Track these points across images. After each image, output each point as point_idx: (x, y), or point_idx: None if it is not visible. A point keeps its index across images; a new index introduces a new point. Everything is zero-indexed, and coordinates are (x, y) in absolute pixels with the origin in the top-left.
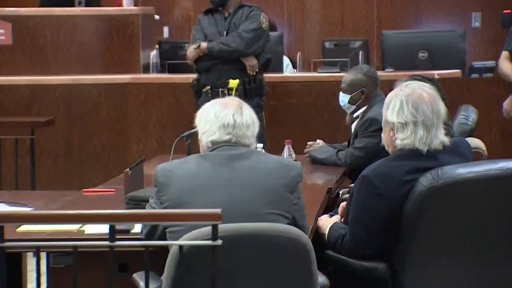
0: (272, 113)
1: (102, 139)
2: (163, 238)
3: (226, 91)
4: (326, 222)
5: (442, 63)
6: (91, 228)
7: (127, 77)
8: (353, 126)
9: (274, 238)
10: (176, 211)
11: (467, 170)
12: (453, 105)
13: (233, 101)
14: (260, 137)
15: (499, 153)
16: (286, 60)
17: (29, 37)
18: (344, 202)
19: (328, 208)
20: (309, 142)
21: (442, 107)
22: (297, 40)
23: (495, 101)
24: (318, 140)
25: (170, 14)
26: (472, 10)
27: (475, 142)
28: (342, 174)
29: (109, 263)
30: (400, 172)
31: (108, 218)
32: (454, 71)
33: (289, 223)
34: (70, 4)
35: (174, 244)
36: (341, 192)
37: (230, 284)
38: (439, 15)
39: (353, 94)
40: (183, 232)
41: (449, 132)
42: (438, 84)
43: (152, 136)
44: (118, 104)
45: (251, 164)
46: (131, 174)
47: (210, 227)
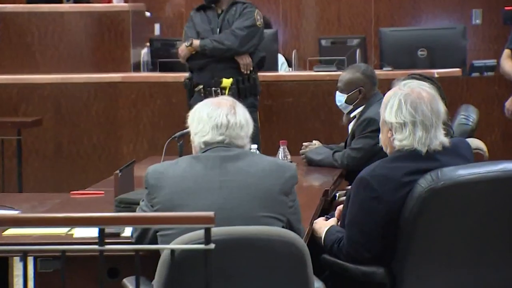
0: (266, 113)
1: (92, 140)
2: (154, 242)
3: (219, 91)
4: (322, 225)
5: (441, 61)
6: (80, 232)
7: (117, 76)
8: (350, 127)
9: (269, 242)
10: (167, 214)
11: (467, 171)
12: (453, 105)
13: (226, 101)
14: (254, 138)
15: (500, 154)
16: (281, 58)
17: (16, 34)
18: (341, 205)
19: (325, 211)
20: (305, 143)
21: (441, 107)
22: (292, 37)
23: (496, 101)
24: (314, 141)
25: (162, 10)
26: (473, 7)
27: (476, 143)
28: (339, 176)
29: (99, 268)
30: (398, 173)
31: (97, 221)
32: (454, 70)
33: (284, 227)
34: (58, 0)
35: (166, 248)
36: (337, 194)
37: None
38: (439, 12)
39: (350, 93)
40: (175, 236)
41: (449, 132)
42: (437, 83)
43: (143, 137)
44: (108, 103)
45: (245, 166)
46: (121, 176)
47: (202, 231)
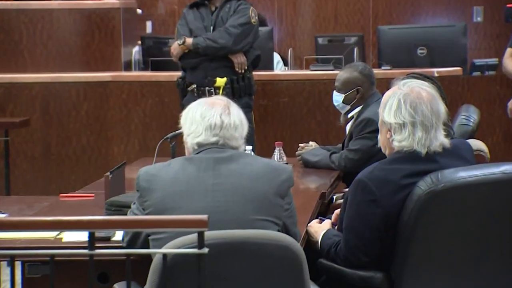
0: (261, 113)
1: (81, 141)
2: (146, 246)
3: (213, 90)
4: (318, 228)
5: (441, 60)
6: (69, 236)
7: (107, 75)
8: (347, 127)
9: (264, 246)
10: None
11: (468, 173)
12: (453, 105)
13: (220, 101)
14: (249, 139)
15: (502, 155)
16: (276, 57)
17: (3, 32)
18: (338, 209)
19: (321, 214)
20: (301, 144)
21: (441, 107)
22: (288, 35)
23: (498, 101)
24: (311, 142)
25: (153, 8)
26: (474, 4)
27: (477, 144)
28: (336, 178)
29: (89, 273)
30: (397, 175)
31: (87, 225)
32: (455, 69)
33: (279, 230)
34: None
35: (158, 252)
36: (335, 197)
37: None
38: (439, 9)
39: (347, 93)
40: (167, 240)
41: (449, 133)
42: (437, 82)
43: (134, 138)
44: (99, 103)
45: (239, 168)
46: (112, 178)
47: (195, 235)
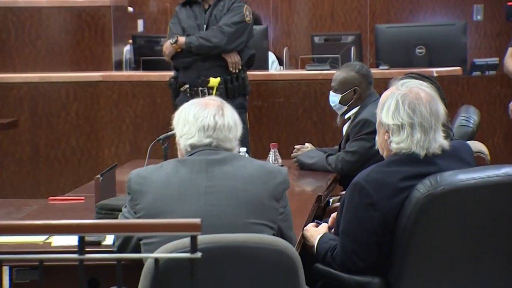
0: (256, 114)
1: (71, 143)
2: (137, 251)
3: (206, 90)
4: (314, 232)
5: (441, 59)
6: (58, 240)
7: (98, 75)
8: (344, 128)
9: (258, 250)
10: (151, 221)
11: (468, 176)
12: (453, 105)
13: (214, 101)
14: (243, 141)
15: (502, 157)
16: (271, 56)
17: None
18: (334, 213)
19: (318, 218)
20: (297, 146)
21: (441, 108)
22: (283, 34)
23: (498, 102)
24: (307, 144)
25: (145, 6)
26: (474, 2)
27: (477, 145)
28: (333, 181)
29: (78, 278)
30: (395, 178)
31: (77, 229)
32: (454, 69)
33: (274, 234)
34: None
35: (150, 257)
36: (331, 200)
37: None
38: (438, 7)
39: (344, 93)
40: (159, 244)
41: (448, 135)
42: (436, 82)
43: (125, 139)
44: (89, 104)
45: (233, 170)
46: (102, 180)
47: (188, 239)
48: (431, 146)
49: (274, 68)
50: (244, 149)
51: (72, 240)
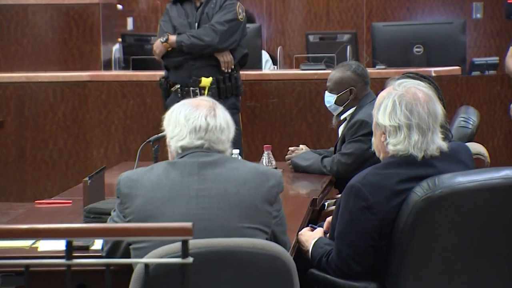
0: (249, 115)
1: (58, 144)
2: (127, 256)
3: (197, 91)
4: (309, 237)
5: (439, 59)
6: (45, 245)
7: (86, 75)
8: (340, 130)
9: (251, 255)
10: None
11: (467, 178)
12: (451, 106)
13: (205, 102)
14: (236, 142)
15: (502, 159)
16: (265, 55)
17: None
18: (330, 217)
19: (312, 222)
20: (291, 148)
21: (439, 109)
22: (277, 33)
23: (498, 102)
24: (301, 145)
25: (135, 3)
26: (473, 0)
27: (476, 147)
28: (328, 184)
29: (66, 284)
30: (392, 181)
31: (64, 233)
32: (453, 68)
33: (268, 239)
34: None
35: (139, 262)
36: (326, 203)
37: None
38: (436, 5)
39: (340, 93)
40: (149, 249)
41: (447, 136)
42: (434, 82)
43: (114, 141)
44: (77, 104)
45: (225, 173)
46: (90, 183)
47: (179, 243)
48: (429, 148)
49: (268, 68)
50: (236, 151)
51: (59, 245)
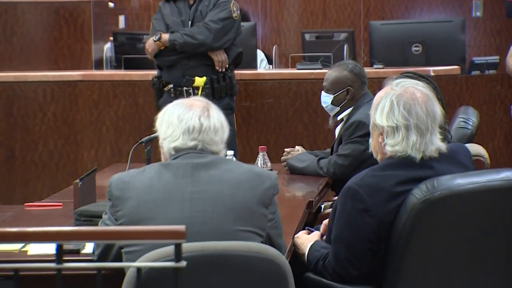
0: (244, 115)
1: (48, 145)
2: (119, 259)
3: (191, 90)
4: (305, 240)
5: (438, 58)
6: (35, 248)
7: (77, 74)
8: (337, 131)
9: (246, 259)
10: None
11: (466, 180)
12: (451, 106)
13: (199, 102)
14: (231, 143)
15: (503, 161)
16: (260, 54)
17: None
18: (326, 220)
19: (309, 225)
20: (287, 149)
21: (438, 109)
22: (273, 31)
23: (499, 102)
24: (297, 147)
25: (127, 1)
26: None
27: (476, 148)
28: (325, 186)
29: None
30: (390, 183)
31: (55, 237)
32: (452, 68)
33: (263, 242)
34: None
35: (131, 266)
36: (323, 206)
37: None
38: (435, 3)
39: (337, 93)
40: (142, 253)
41: (446, 137)
42: (433, 82)
43: (106, 142)
44: (67, 105)
45: (219, 174)
46: (81, 185)
47: (172, 247)
48: (428, 149)
49: (263, 67)
50: (231, 152)
51: (49, 249)
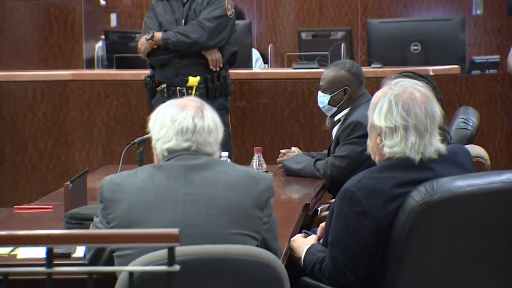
0: (239, 116)
1: (38, 147)
2: (110, 263)
3: (184, 90)
4: (302, 243)
5: (437, 57)
6: (24, 252)
7: (67, 73)
8: (334, 131)
9: (241, 263)
10: (125, 231)
11: (466, 182)
12: (450, 106)
13: (193, 102)
14: (225, 145)
15: (504, 162)
16: (255, 53)
17: None
18: (323, 223)
19: (305, 228)
20: (283, 150)
21: (437, 109)
22: (268, 30)
23: (499, 102)
24: (293, 148)
25: None
26: None
27: (476, 150)
28: (321, 188)
29: None
30: (388, 185)
31: (45, 240)
32: (452, 67)
33: (258, 245)
34: None
35: (123, 270)
36: (320, 208)
37: None
38: (434, 0)
39: (334, 93)
40: (134, 256)
41: (445, 138)
42: (432, 82)
43: (97, 143)
44: (57, 105)
45: (213, 176)
46: (72, 188)
47: (165, 250)
48: (427, 150)
49: (258, 66)
50: (225, 153)
51: (39, 252)
